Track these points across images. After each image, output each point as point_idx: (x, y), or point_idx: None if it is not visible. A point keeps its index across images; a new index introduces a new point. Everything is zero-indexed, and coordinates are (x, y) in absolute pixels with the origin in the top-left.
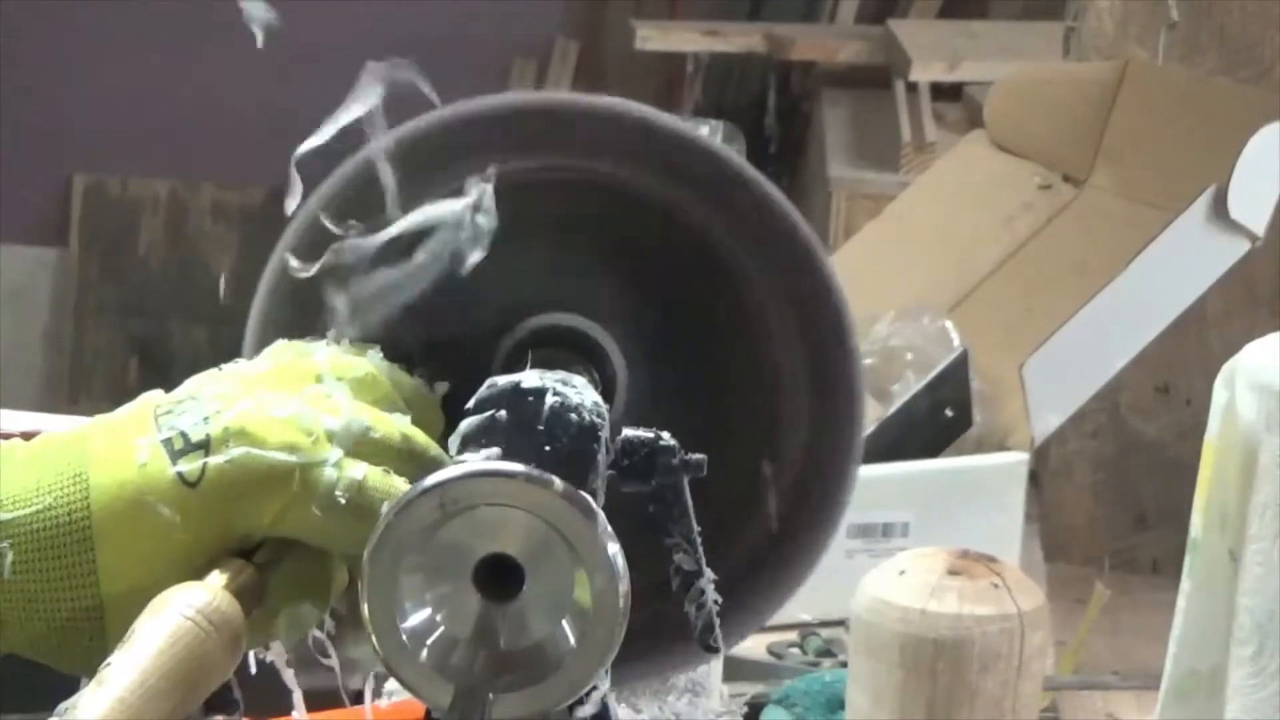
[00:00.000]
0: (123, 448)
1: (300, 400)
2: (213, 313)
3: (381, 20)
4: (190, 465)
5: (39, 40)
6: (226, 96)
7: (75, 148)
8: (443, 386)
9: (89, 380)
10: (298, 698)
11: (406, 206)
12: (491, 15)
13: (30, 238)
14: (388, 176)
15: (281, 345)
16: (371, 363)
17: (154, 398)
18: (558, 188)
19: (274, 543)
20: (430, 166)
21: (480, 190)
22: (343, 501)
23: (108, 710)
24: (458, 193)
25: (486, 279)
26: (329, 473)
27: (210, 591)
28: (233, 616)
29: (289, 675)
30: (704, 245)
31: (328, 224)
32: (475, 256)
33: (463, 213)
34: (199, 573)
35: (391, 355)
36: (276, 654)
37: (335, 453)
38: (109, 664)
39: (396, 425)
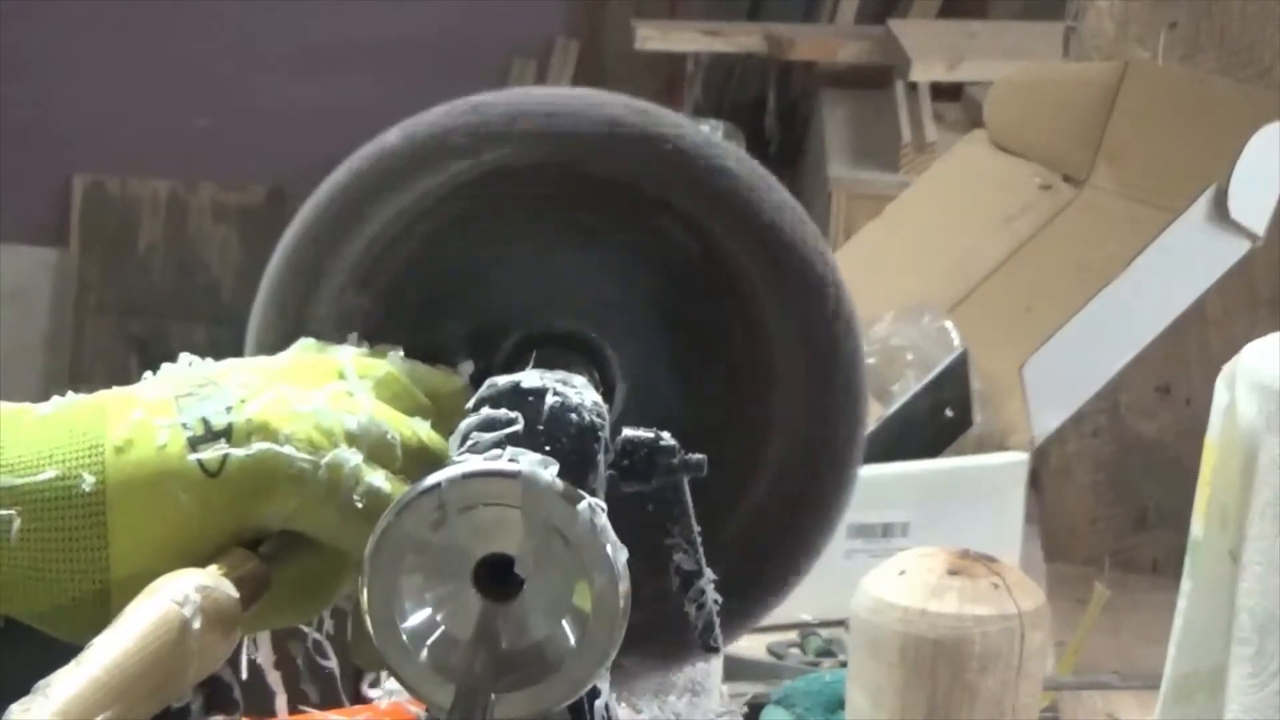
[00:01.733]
0: (142, 426)
1: (323, 396)
2: (213, 313)
3: (381, 20)
4: (211, 454)
5: (39, 40)
6: (227, 96)
7: (75, 148)
8: (467, 367)
9: (89, 380)
10: (281, 702)
11: (403, 204)
12: (491, 15)
13: (30, 238)
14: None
15: (304, 344)
16: (391, 363)
17: (175, 376)
18: (558, 187)
19: (284, 535)
20: (426, 166)
21: None
22: (359, 506)
23: (81, 688)
24: (457, 189)
25: (488, 279)
26: (348, 476)
27: (206, 578)
28: (226, 605)
29: (274, 678)
30: (708, 247)
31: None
32: None
33: None
34: (207, 562)
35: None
36: (264, 657)
37: (355, 455)
38: (92, 644)
39: (415, 428)
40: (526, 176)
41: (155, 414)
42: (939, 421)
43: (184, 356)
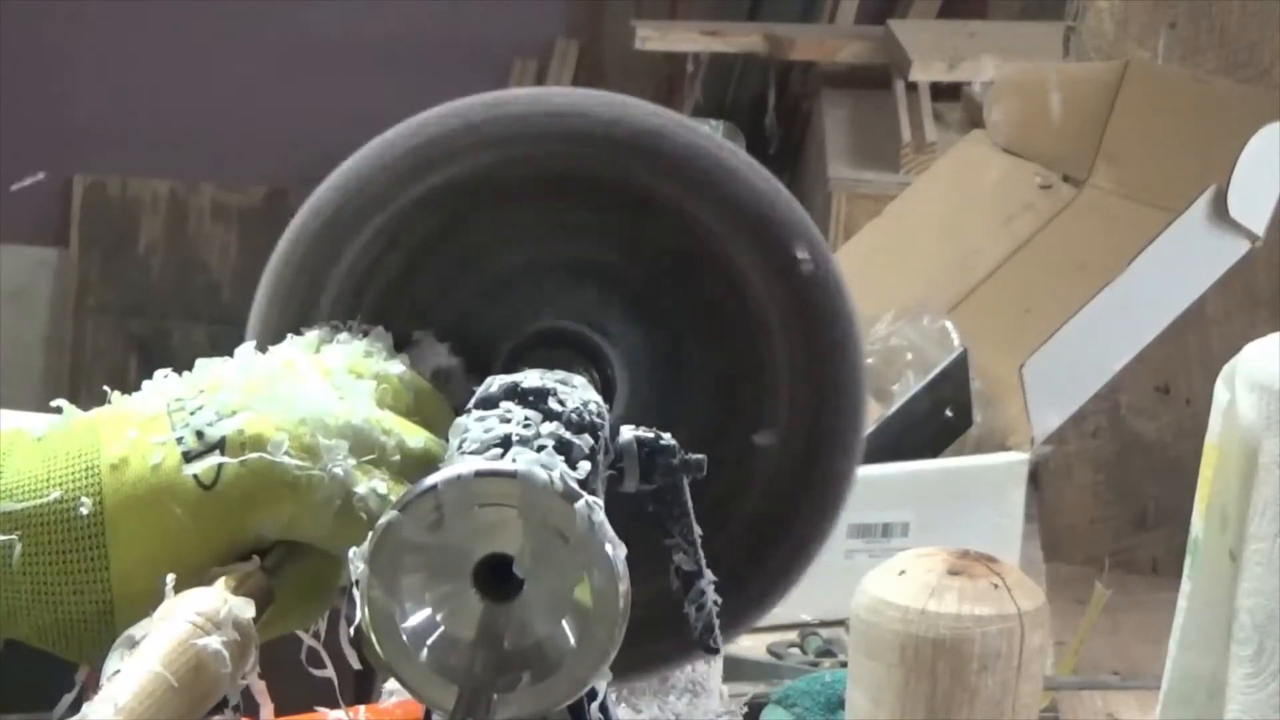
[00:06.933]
0: (136, 443)
1: (316, 401)
2: (213, 313)
3: (382, 20)
4: (205, 467)
5: (39, 40)
6: (227, 96)
7: (75, 148)
8: (461, 368)
9: (89, 380)
10: (267, 714)
11: (395, 205)
12: (491, 15)
13: (30, 238)
14: (380, 179)
15: (294, 341)
16: (384, 364)
17: (166, 388)
18: (559, 188)
19: (284, 544)
20: (425, 167)
21: None
22: (357, 511)
23: None
24: (452, 190)
25: (488, 280)
26: (343, 481)
27: (220, 598)
28: (242, 623)
29: (259, 688)
30: (706, 246)
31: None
32: None
33: None
34: (208, 575)
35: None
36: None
37: (350, 460)
38: (117, 671)
39: (410, 429)
40: (518, 178)
41: (149, 431)
42: (939, 422)
43: (159, 373)
